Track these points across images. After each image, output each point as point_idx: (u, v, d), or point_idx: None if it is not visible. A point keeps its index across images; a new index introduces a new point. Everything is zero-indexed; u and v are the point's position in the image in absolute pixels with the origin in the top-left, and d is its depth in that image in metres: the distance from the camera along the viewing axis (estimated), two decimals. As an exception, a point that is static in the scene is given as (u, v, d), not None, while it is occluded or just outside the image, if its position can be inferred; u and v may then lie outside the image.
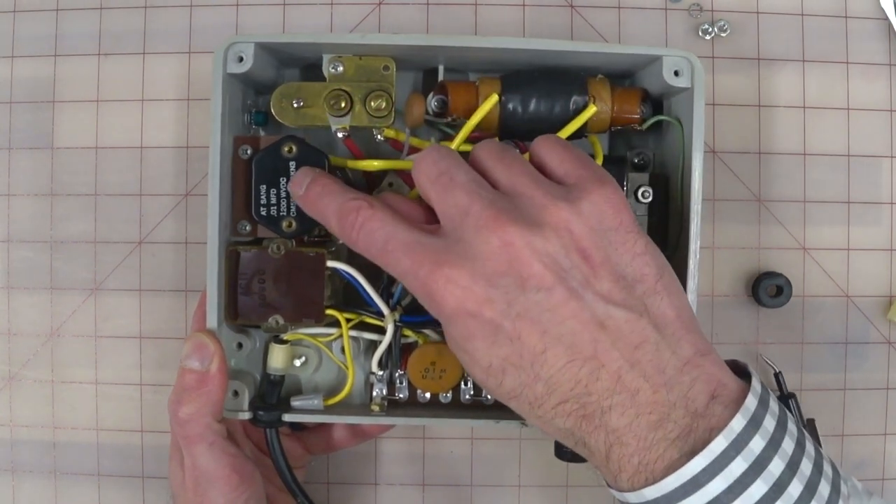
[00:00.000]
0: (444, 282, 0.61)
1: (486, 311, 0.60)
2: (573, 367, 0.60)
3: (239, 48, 0.74)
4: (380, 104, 0.75)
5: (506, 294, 0.60)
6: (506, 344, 0.60)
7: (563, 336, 0.60)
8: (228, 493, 0.73)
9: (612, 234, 0.63)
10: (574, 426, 0.61)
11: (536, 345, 0.60)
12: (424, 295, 0.63)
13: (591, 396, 0.60)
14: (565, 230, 0.62)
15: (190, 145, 0.91)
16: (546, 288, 0.60)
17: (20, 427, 0.93)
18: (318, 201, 0.70)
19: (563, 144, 0.69)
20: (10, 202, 0.92)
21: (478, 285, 0.60)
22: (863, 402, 0.92)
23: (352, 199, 0.67)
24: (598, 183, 0.64)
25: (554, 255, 0.61)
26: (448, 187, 0.64)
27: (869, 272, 0.92)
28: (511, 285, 0.60)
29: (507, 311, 0.60)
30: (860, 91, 0.92)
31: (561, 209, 0.62)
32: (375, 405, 0.80)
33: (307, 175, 0.71)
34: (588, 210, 0.63)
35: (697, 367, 0.61)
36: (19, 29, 0.92)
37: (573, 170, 0.66)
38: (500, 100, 0.75)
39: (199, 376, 0.72)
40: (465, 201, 0.63)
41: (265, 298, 0.75)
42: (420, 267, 0.62)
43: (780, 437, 0.60)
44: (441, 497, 0.94)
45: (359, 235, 0.66)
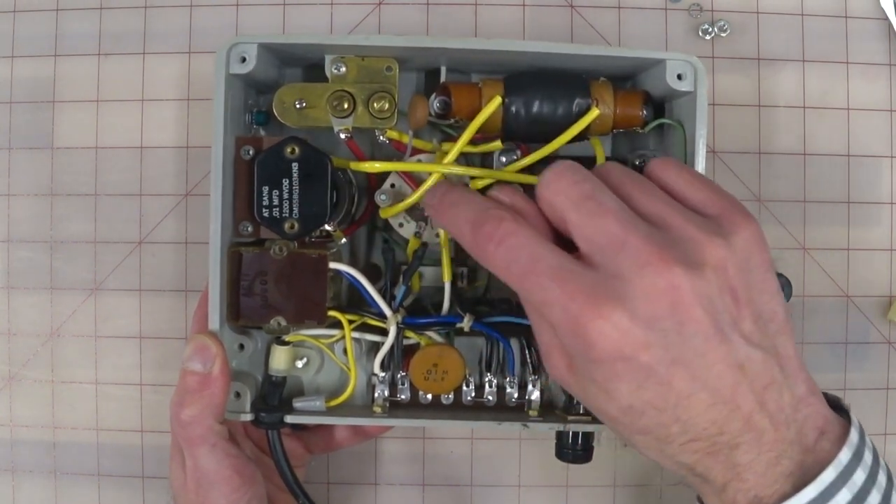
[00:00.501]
0: (601, 321, 0.57)
1: (643, 356, 0.57)
2: (714, 411, 0.58)
3: (242, 49, 0.74)
4: (382, 105, 0.75)
5: (664, 338, 0.57)
6: (654, 388, 0.58)
7: (709, 381, 0.58)
8: (230, 494, 0.73)
9: (756, 272, 0.61)
10: (696, 462, 0.60)
11: (684, 389, 0.58)
12: (572, 331, 0.58)
13: (723, 437, 0.59)
14: (722, 269, 0.59)
15: (190, 145, 0.91)
16: (703, 333, 0.58)
17: (20, 427, 0.93)
18: (452, 209, 0.65)
19: (689, 168, 0.67)
20: (10, 202, 0.92)
21: (637, 328, 0.57)
22: (863, 402, 0.92)
23: (493, 209, 0.62)
24: (745, 218, 0.62)
25: (712, 297, 0.58)
26: (597, 213, 0.60)
27: (869, 272, 0.93)
28: (670, 330, 0.57)
29: (664, 356, 0.57)
30: (860, 91, 0.92)
31: (718, 247, 0.59)
32: (377, 406, 0.80)
33: (443, 185, 0.70)
34: (740, 247, 0.60)
35: (809, 405, 0.61)
36: (19, 29, 0.92)
37: (710, 199, 0.63)
38: (503, 102, 0.75)
39: (202, 378, 0.72)
40: (619, 232, 0.59)
41: (267, 300, 0.75)
42: (572, 300, 0.57)
43: (876, 471, 0.61)
44: (441, 497, 0.94)
45: (497, 250, 0.61)
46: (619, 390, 0.59)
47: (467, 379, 0.80)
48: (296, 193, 0.73)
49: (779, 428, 0.59)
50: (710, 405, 0.58)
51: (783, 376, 0.60)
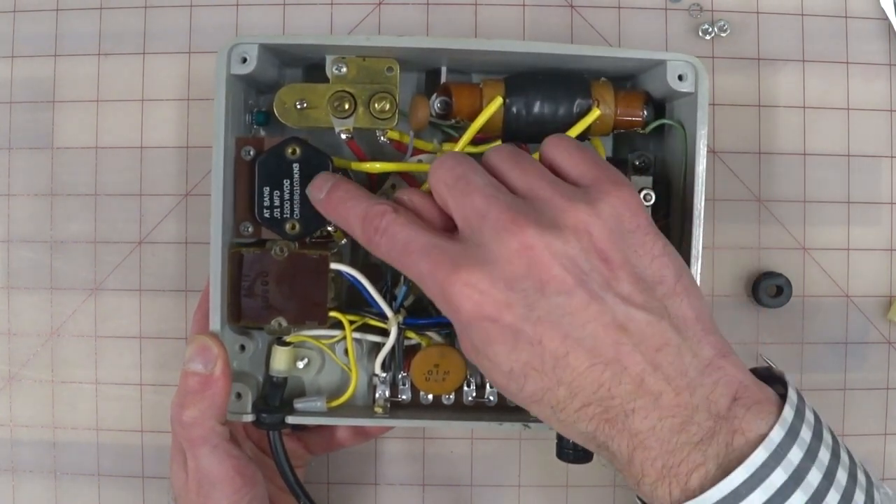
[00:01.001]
0: (462, 285, 0.60)
1: (506, 316, 0.59)
2: (595, 371, 0.59)
3: (243, 49, 0.74)
4: (383, 106, 0.75)
5: (525, 298, 0.59)
6: (526, 348, 0.60)
7: (584, 339, 0.59)
8: (231, 494, 0.73)
9: (630, 236, 0.63)
10: (597, 430, 0.60)
11: (558, 349, 0.59)
12: (442, 299, 0.62)
13: (615, 400, 0.59)
14: (584, 232, 0.61)
15: (190, 145, 0.91)
16: (566, 291, 0.60)
17: (20, 427, 0.93)
18: (341, 205, 0.69)
19: (576, 145, 0.68)
20: (10, 202, 0.92)
21: (497, 289, 0.60)
22: (863, 402, 0.93)
23: (377, 204, 0.67)
24: (615, 185, 0.64)
25: (574, 257, 0.60)
26: (465, 191, 0.64)
27: (869, 272, 0.93)
28: (531, 289, 0.60)
29: (528, 315, 0.59)
30: (860, 91, 0.93)
31: (580, 211, 0.61)
32: (378, 407, 0.80)
33: (328, 179, 0.71)
34: (607, 212, 0.62)
35: (718, 368, 0.61)
36: (19, 29, 0.92)
37: (588, 171, 0.66)
38: (504, 103, 0.75)
39: (203, 379, 0.72)
40: (482, 205, 0.62)
41: (268, 300, 0.75)
42: (438, 270, 0.61)
43: (817, 447, 0.60)
44: (441, 497, 0.94)
45: (381, 239, 0.66)
46: (497, 354, 0.61)
47: (468, 379, 0.80)
48: (297, 194, 0.73)
49: (680, 392, 0.60)
50: (591, 365, 0.59)
51: (681, 338, 0.61)
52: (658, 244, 0.63)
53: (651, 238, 0.63)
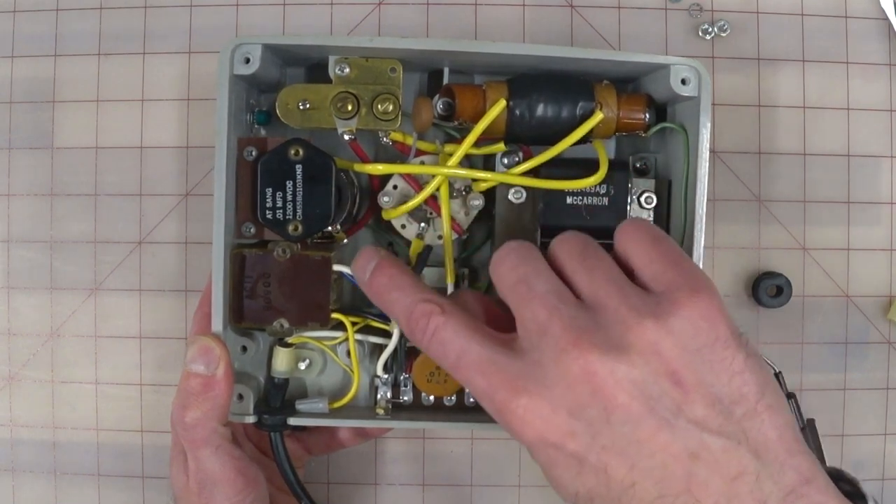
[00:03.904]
0: (523, 411, 0.57)
1: (569, 444, 0.56)
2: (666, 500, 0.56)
3: (245, 49, 0.74)
4: (387, 107, 0.75)
5: (590, 426, 0.56)
6: (591, 476, 0.56)
7: (653, 469, 0.56)
8: (233, 495, 0.73)
9: (706, 351, 0.57)
10: None
11: (624, 479, 0.56)
12: (501, 420, 0.59)
13: None
14: (653, 353, 0.57)
15: (190, 145, 0.91)
16: (633, 420, 0.56)
17: (20, 427, 0.93)
18: (386, 294, 0.66)
19: (653, 235, 0.64)
20: (10, 202, 0.92)
21: (559, 416, 0.56)
22: (863, 402, 0.93)
23: (422, 302, 0.63)
24: (692, 292, 0.59)
25: (641, 382, 0.56)
26: (526, 298, 0.60)
27: (869, 272, 0.93)
28: (595, 417, 0.56)
29: (592, 443, 0.56)
30: (860, 91, 0.93)
31: (647, 329, 0.57)
32: (380, 408, 0.80)
33: (371, 258, 0.67)
34: (680, 327, 0.57)
35: (802, 497, 0.56)
36: (19, 29, 0.91)
37: (663, 272, 0.61)
38: (507, 105, 0.75)
39: (205, 380, 0.72)
40: (544, 318, 0.59)
41: (270, 302, 0.75)
42: (496, 392, 0.58)
43: None
44: (441, 497, 0.94)
45: (430, 344, 0.62)
46: (562, 477, 0.58)
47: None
48: (299, 195, 0.73)
49: None
50: (659, 496, 0.56)
51: (760, 464, 0.56)
52: (739, 358, 0.58)
53: (731, 352, 0.58)
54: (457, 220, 0.80)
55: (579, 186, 0.76)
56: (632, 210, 0.79)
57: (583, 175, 0.76)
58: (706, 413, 0.56)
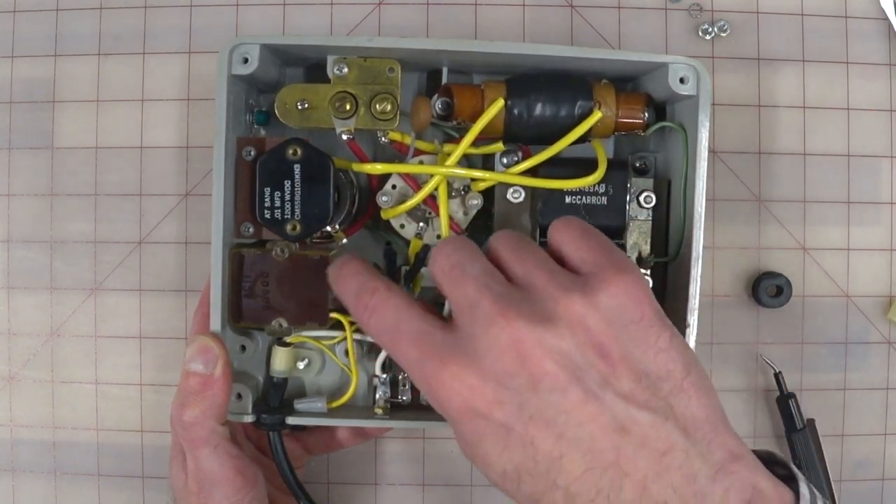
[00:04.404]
0: (451, 379, 0.57)
1: (497, 413, 0.56)
2: (593, 476, 0.55)
3: (244, 49, 0.74)
4: (385, 107, 0.75)
5: (517, 395, 0.56)
6: (518, 449, 0.56)
7: (580, 441, 0.56)
8: (232, 494, 0.73)
9: (633, 328, 0.59)
10: None
11: (552, 450, 0.56)
12: (429, 391, 0.59)
13: None
14: (580, 325, 0.57)
15: (190, 145, 0.91)
16: (560, 389, 0.56)
17: (20, 427, 0.93)
18: (343, 281, 0.67)
19: (582, 228, 0.65)
20: (10, 202, 0.92)
21: (487, 386, 0.56)
22: (863, 402, 0.93)
23: (370, 281, 0.64)
24: (618, 271, 0.60)
25: (567, 352, 0.57)
26: (459, 280, 0.61)
27: (869, 272, 0.93)
28: (522, 386, 0.56)
29: (519, 414, 0.56)
30: (860, 91, 0.93)
31: (574, 302, 0.58)
32: (378, 408, 0.80)
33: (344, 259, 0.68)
34: (606, 303, 0.58)
35: (731, 473, 0.56)
36: (19, 29, 0.91)
37: (590, 256, 0.62)
38: (505, 104, 0.75)
39: (204, 380, 0.72)
40: (474, 294, 0.59)
41: (269, 301, 0.75)
42: (425, 362, 0.59)
43: None
44: (441, 497, 0.94)
45: (370, 318, 0.63)
46: (489, 453, 0.58)
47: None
48: (298, 195, 0.73)
49: (688, 501, 0.55)
50: (588, 469, 0.56)
51: (688, 442, 0.57)
52: (664, 336, 0.59)
53: (657, 330, 0.59)
54: (455, 220, 0.79)
55: (578, 186, 0.76)
56: (631, 209, 0.79)
57: (582, 175, 0.76)
58: (633, 387, 0.57)
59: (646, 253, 0.80)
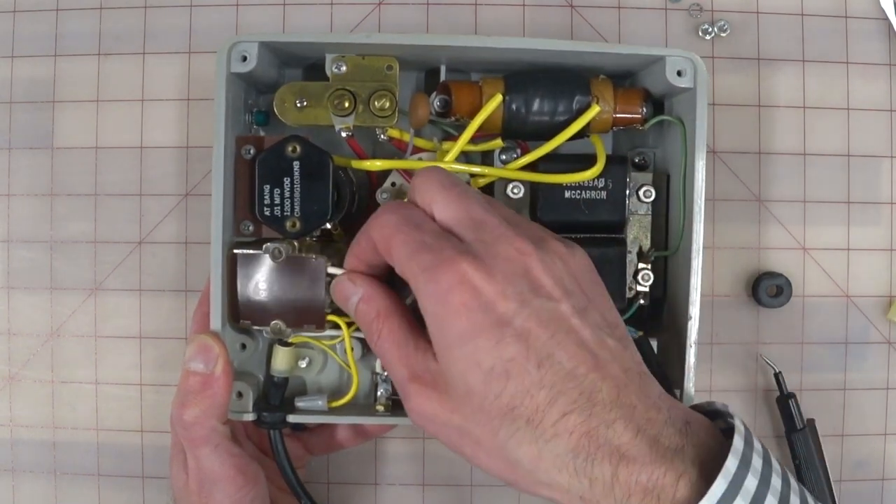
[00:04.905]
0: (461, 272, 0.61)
1: (500, 305, 0.60)
2: (577, 374, 0.60)
3: (242, 47, 0.74)
4: (383, 104, 0.75)
5: (520, 293, 0.61)
6: (512, 343, 0.60)
7: (568, 345, 0.61)
8: (233, 493, 0.73)
9: (596, 284, 0.67)
10: (577, 445, 0.59)
11: (543, 347, 0.60)
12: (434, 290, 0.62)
13: (595, 408, 0.59)
14: (566, 263, 0.65)
15: (190, 145, 0.91)
16: (556, 299, 0.62)
17: (20, 427, 0.93)
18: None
19: None
20: (10, 202, 0.92)
21: (495, 279, 0.61)
22: (863, 402, 0.93)
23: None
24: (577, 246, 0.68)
25: (560, 277, 0.63)
26: (464, 196, 0.66)
27: (869, 272, 0.93)
28: (525, 288, 0.61)
29: (519, 308, 0.60)
30: (860, 91, 0.93)
31: (561, 247, 0.65)
32: (380, 405, 0.80)
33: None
34: (579, 258, 0.66)
35: (668, 399, 0.63)
36: (19, 29, 0.92)
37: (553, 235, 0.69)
38: (503, 100, 0.75)
39: (204, 379, 0.72)
40: (481, 212, 0.65)
41: (267, 303, 0.75)
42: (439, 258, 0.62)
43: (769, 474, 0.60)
44: (441, 497, 0.94)
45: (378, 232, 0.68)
46: (480, 349, 0.60)
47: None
48: (297, 192, 0.73)
49: (650, 408, 0.61)
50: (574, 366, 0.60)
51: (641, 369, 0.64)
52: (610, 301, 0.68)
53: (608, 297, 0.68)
54: (455, 217, 0.79)
55: (577, 180, 0.76)
56: (630, 204, 0.79)
57: (581, 169, 0.76)
58: (600, 321, 0.64)
59: (646, 247, 0.80)
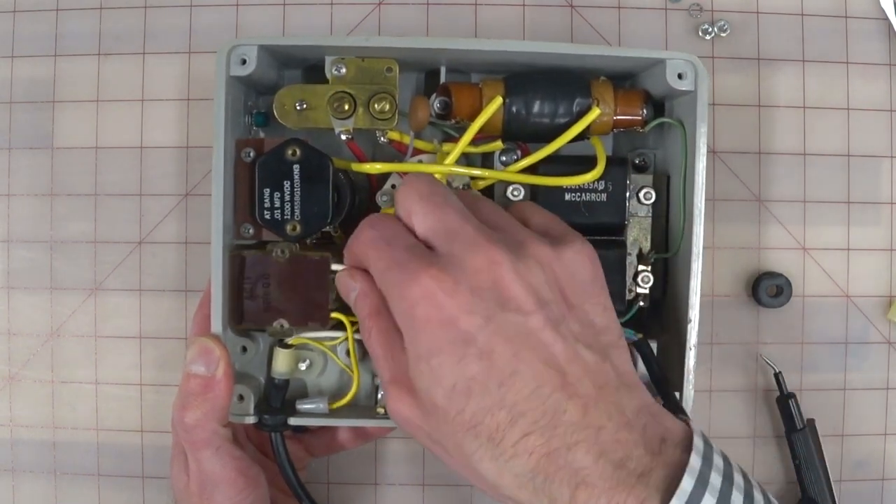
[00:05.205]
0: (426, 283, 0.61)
1: (463, 321, 0.60)
2: (541, 395, 0.60)
3: (242, 50, 0.74)
4: (383, 106, 0.75)
5: (486, 308, 0.60)
6: (474, 361, 0.60)
7: (534, 362, 0.60)
8: (234, 496, 0.73)
9: (587, 285, 0.66)
10: (536, 466, 0.59)
11: (507, 365, 0.60)
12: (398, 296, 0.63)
13: (557, 430, 0.59)
14: (548, 268, 0.64)
15: (190, 145, 0.91)
16: (525, 312, 0.61)
17: (20, 427, 0.93)
18: None
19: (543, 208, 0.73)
20: (10, 202, 0.92)
21: (461, 293, 0.60)
22: (863, 402, 0.93)
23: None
24: (577, 237, 0.68)
25: (535, 284, 0.62)
26: (441, 206, 0.65)
27: (869, 272, 0.93)
28: (492, 301, 0.61)
29: (484, 325, 0.60)
30: (860, 91, 0.93)
31: (545, 249, 0.65)
32: (381, 407, 0.79)
33: None
34: (569, 257, 0.65)
35: (650, 413, 0.63)
36: (19, 29, 0.91)
37: (555, 226, 0.70)
38: (504, 102, 0.75)
39: (205, 381, 0.72)
40: (456, 222, 0.64)
41: (270, 303, 0.75)
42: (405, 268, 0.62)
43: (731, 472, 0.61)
44: (441, 497, 0.94)
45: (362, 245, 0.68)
46: (442, 365, 0.60)
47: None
48: (297, 195, 0.73)
49: (620, 429, 0.60)
50: (537, 387, 0.60)
51: (620, 382, 0.63)
52: (608, 299, 0.67)
53: (604, 292, 0.67)
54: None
55: (577, 182, 0.76)
56: (630, 206, 0.79)
57: (581, 172, 0.76)
58: (581, 330, 0.63)
59: (646, 249, 0.80)
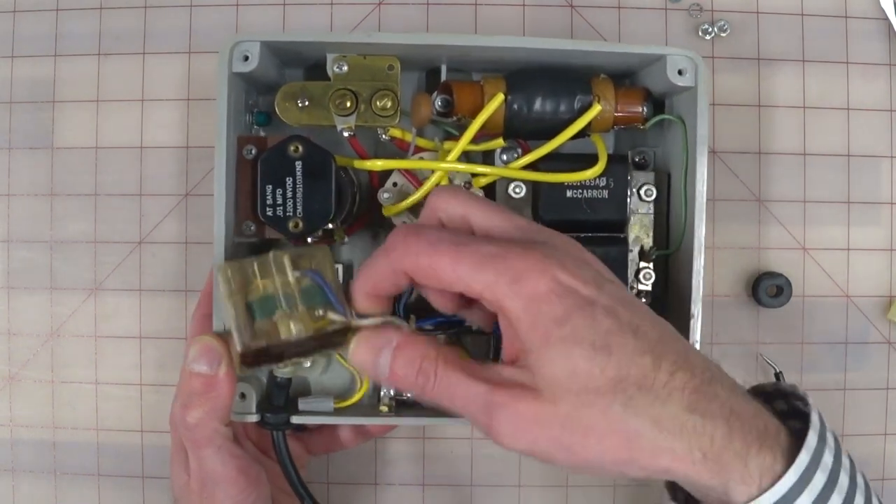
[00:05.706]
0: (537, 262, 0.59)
1: (582, 289, 0.59)
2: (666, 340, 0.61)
3: (244, 47, 0.74)
4: (385, 103, 0.76)
5: (594, 279, 0.61)
6: (604, 317, 0.59)
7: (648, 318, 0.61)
8: (235, 494, 0.73)
9: None
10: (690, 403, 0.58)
11: (631, 320, 0.60)
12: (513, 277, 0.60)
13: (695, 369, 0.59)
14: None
15: (190, 145, 0.91)
16: (618, 284, 0.63)
17: (20, 427, 0.92)
18: None
19: None
20: (10, 202, 0.92)
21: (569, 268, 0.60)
22: (863, 402, 0.93)
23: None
24: None
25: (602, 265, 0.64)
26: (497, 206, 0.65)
27: (869, 272, 0.93)
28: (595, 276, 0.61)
29: (599, 290, 0.60)
30: (860, 91, 0.93)
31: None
32: (384, 406, 0.80)
33: None
34: None
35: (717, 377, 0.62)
36: (19, 29, 0.91)
37: None
38: (505, 99, 0.75)
39: (208, 380, 0.72)
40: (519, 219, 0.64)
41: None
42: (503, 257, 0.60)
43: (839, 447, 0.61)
44: (441, 497, 0.93)
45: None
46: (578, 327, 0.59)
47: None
48: (300, 192, 0.73)
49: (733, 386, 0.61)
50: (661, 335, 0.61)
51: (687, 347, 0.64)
52: None
53: None
54: (457, 217, 0.79)
55: (579, 179, 0.76)
56: (632, 203, 0.79)
57: (582, 169, 0.76)
58: None
59: (648, 246, 0.80)
